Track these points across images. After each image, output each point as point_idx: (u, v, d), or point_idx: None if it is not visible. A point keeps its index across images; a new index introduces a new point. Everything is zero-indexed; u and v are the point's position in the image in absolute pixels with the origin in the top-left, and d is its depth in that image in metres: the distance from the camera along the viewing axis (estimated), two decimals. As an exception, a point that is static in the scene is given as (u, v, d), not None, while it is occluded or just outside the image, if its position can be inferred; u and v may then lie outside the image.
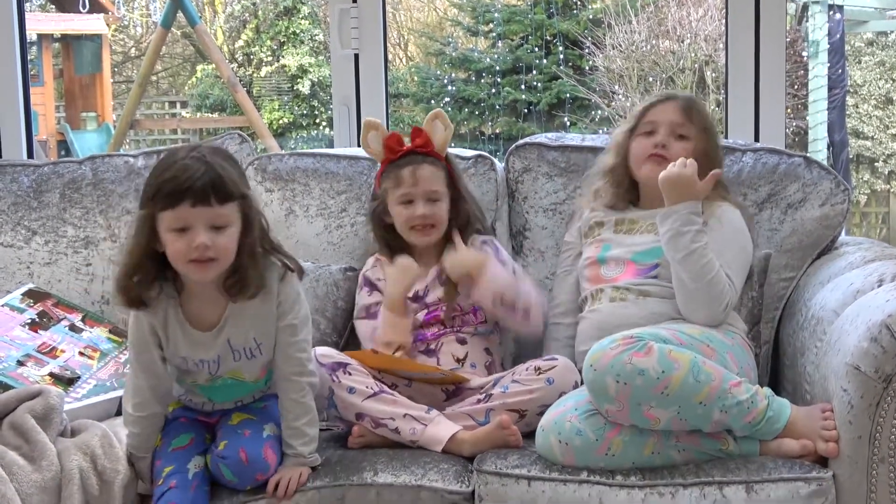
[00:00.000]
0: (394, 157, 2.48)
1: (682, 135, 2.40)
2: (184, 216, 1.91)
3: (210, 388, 2.10)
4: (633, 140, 2.45)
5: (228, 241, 1.94)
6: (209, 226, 1.92)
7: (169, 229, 1.92)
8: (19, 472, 1.91)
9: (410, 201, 2.43)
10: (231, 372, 2.07)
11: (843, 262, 2.38)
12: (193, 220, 1.90)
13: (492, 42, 9.33)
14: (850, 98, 8.27)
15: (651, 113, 2.44)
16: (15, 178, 2.80)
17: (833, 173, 2.57)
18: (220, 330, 2.03)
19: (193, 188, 1.89)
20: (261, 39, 9.84)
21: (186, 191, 1.89)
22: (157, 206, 1.93)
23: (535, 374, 2.20)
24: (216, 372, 2.07)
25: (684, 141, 2.39)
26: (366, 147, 2.54)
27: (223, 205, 1.92)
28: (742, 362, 2.18)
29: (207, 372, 2.07)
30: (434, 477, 2.01)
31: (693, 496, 1.94)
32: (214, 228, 1.92)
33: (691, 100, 2.47)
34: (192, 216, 1.90)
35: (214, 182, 1.91)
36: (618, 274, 2.35)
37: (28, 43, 3.43)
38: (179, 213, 1.90)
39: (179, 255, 1.93)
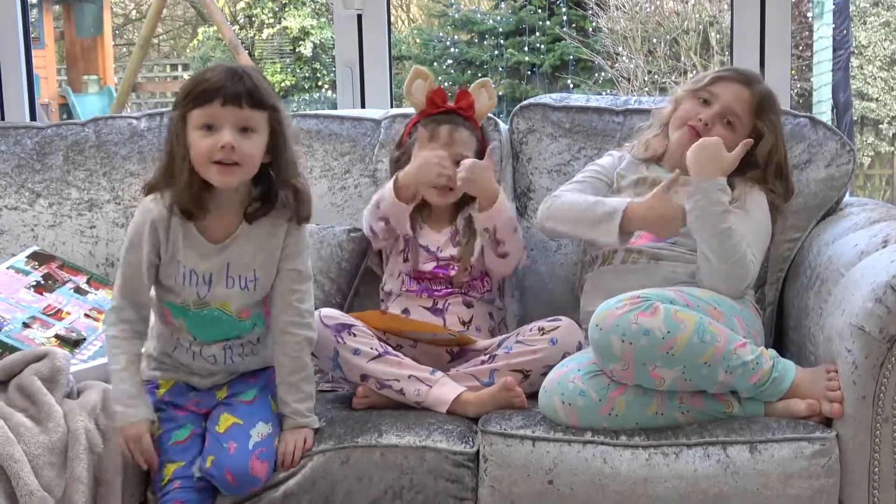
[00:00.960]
0: (433, 111, 2.48)
1: (731, 122, 2.34)
2: (212, 113, 1.91)
3: (196, 317, 2.05)
4: (687, 99, 2.39)
5: (254, 147, 1.94)
6: (237, 128, 1.92)
7: (196, 127, 1.93)
8: (26, 433, 1.92)
9: None
10: (220, 302, 2.04)
11: (848, 222, 2.37)
12: (222, 119, 1.91)
13: (494, 3, 9.27)
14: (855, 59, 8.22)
15: (719, 84, 2.36)
16: (18, 141, 2.79)
17: (839, 134, 2.56)
18: (224, 247, 2.02)
19: (226, 88, 1.90)
20: (262, 1, 9.77)
21: (219, 90, 1.90)
22: (188, 106, 1.93)
23: (539, 335, 2.21)
24: (205, 295, 2.03)
25: (730, 129, 2.33)
26: (408, 93, 2.53)
27: (253, 109, 1.93)
28: (750, 326, 2.17)
29: (196, 293, 2.03)
30: (438, 438, 2.02)
31: (697, 456, 1.95)
32: (242, 132, 1.92)
33: (769, 96, 2.38)
34: (221, 115, 1.91)
35: (247, 85, 1.92)
36: (635, 238, 2.33)
37: (29, 5, 3.41)
38: (208, 111, 1.91)
39: (203, 155, 1.92)
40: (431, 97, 2.48)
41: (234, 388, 2.10)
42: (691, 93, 2.39)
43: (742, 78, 2.38)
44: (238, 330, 2.07)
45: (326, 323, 2.20)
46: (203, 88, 1.91)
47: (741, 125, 2.34)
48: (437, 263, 2.42)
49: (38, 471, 1.88)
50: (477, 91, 2.51)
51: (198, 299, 2.04)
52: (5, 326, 2.26)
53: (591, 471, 1.96)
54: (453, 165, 2.38)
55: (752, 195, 2.31)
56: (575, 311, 2.40)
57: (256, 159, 1.95)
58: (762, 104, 2.36)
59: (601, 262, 2.36)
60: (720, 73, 2.40)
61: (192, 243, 2.01)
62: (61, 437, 1.95)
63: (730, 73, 2.40)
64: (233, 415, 2.03)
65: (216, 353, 2.09)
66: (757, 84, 2.38)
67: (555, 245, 2.61)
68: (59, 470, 1.92)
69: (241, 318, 2.06)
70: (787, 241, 2.49)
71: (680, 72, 8.17)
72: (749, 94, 2.35)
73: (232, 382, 2.12)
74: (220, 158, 1.91)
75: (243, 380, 2.12)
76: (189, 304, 2.04)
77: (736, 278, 2.20)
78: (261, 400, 2.08)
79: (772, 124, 2.36)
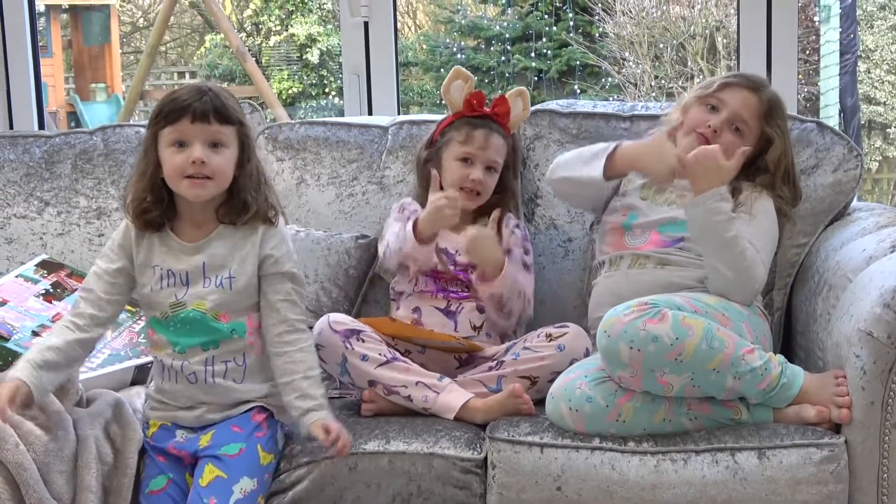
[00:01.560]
0: (470, 113, 2.48)
1: (740, 129, 2.33)
2: (183, 130, 1.97)
3: (174, 323, 2.03)
4: (695, 106, 2.38)
5: (225, 161, 2.00)
6: (207, 143, 1.98)
7: (168, 144, 1.98)
8: (36, 441, 1.92)
9: (471, 162, 2.43)
10: (197, 302, 2.02)
11: (856, 227, 2.37)
12: (192, 136, 1.97)
13: (501, 9, 9.27)
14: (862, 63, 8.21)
15: (727, 91, 2.35)
16: (27, 150, 2.80)
17: (846, 138, 2.56)
18: (199, 247, 2.05)
19: (194, 106, 1.96)
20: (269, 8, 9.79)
21: (187, 108, 1.96)
22: (159, 125, 1.99)
23: (547, 341, 2.21)
24: (183, 296, 2.03)
25: (738, 136, 2.33)
26: (446, 93, 2.53)
27: (222, 125, 1.99)
28: (758, 332, 2.17)
29: (174, 295, 2.03)
30: (446, 444, 2.02)
31: (705, 462, 1.95)
32: (212, 147, 1.98)
33: (776, 102, 2.37)
34: (191, 131, 1.97)
35: (214, 103, 1.98)
36: (642, 243, 2.33)
37: (36, 14, 3.43)
38: (179, 128, 1.97)
39: (176, 171, 1.98)
40: (469, 99, 2.49)
41: (220, 436, 2.01)
42: (699, 99, 2.38)
43: (750, 84, 2.37)
44: (215, 333, 2.03)
45: (335, 328, 2.20)
46: (172, 108, 1.98)
47: (749, 131, 2.34)
48: (456, 266, 2.42)
49: (48, 479, 1.89)
50: (513, 99, 2.52)
51: (175, 301, 2.04)
52: (15, 335, 2.26)
53: (599, 477, 1.96)
54: (484, 170, 2.42)
55: (759, 200, 2.31)
56: (583, 318, 2.40)
57: (228, 172, 2.01)
58: (770, 110, 2.36)
59: (608, 268, 2.36)
60: (728, 79, 2.39)
61: (168, 245, 2.05)
62: (71, 445, 1.95)
63: (738, 79, 2.39)
64: (218, 467, 1.97)
65: (197, 370, 2.03)
66: (765, 90, 2.38)
67: (562, 251, 2.61)
68: (68, 478, 1.93)
69: (219, 320, 2.04)
70: (795, 246, 2.49)
71: (687, 77, 8.17)
72: (757, 101, 2.35)
73: (217, 430, 2.03)
74: (191, 173, 1.97)
75: (228, 429, 2.02)
76: (167, 310, 2.04)
77: (746, 285, 2.19)
78: (248, 452, 2.00)
79: (780, 130, 2.36)
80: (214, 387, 2.04)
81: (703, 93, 2.38)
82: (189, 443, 2.03)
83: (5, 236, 2.72)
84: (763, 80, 2.41)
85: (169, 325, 2.05)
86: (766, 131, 2.35)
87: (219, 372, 2.05)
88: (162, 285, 2.04)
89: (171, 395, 2.07)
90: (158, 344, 2.07)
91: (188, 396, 2.05)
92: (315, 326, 2.24)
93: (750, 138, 2.34)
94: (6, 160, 2.79)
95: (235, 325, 2.05)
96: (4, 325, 2.27)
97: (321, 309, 2.52)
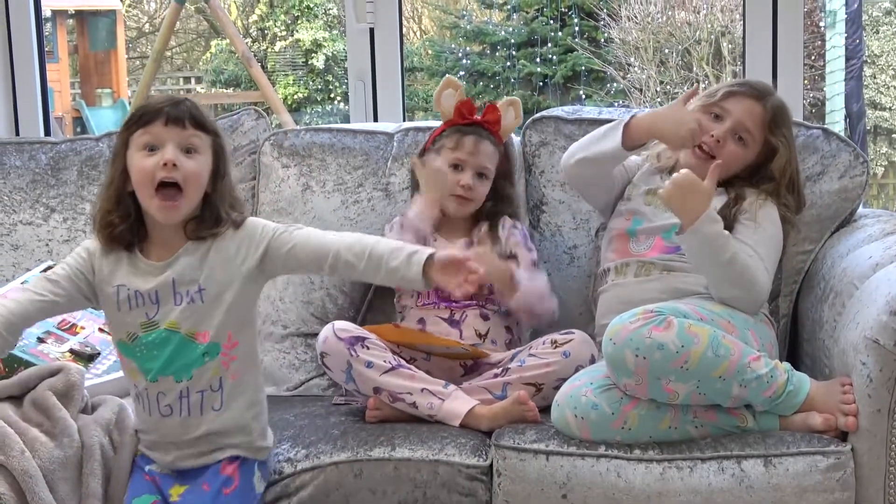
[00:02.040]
0: (460, 121, 2.49)
1: (743, 138, 2.32)
2: (155, 133, 1.86)
3: (145, 346, 1.91)
4: (701, 114, 2.34)
5: (197, 168, 1.88)
6: (181, 147, 1.87)
7: (139, 148, 1.87)
8: (41, 448, 1.92)
9: (461, 168, 2.44)
10: (169, 322, 1.90)
11: (862, 234, 2.37)
12: (165, 138, 1.86)
13: (506, 14, 9.28)
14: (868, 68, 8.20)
15: (731, 100, 2.33)
16: (33, 156, 2.81)
17: (852, 145, 2.55)
18: (168, 264, 1.91)
19: (167, 109, 1.87)
20: (275, 14, 9.81)
21: (160, 111, 1.87)
22: (131, 130, 1.89)
23: (552, 348, 2.21)
24: (154, 315, 1.90)
25: (741, 145, 2.32)
26: (437, 102, 2.54)
27: (197, 129, 1.89)
28: (763, 339, 2.17)
29: (145, 314, 1.90)
30: (452, 451, 2.02)
31: (711, 470, 1.95)
32: (185, 152, 1.87)
33: (781, 110, 2.36)
34: (164, 134, 1.86)
35: (191, 110, 1.89)
36: (646, 249, 2.33)
37: (43, 19, 3.43)
38: (151, 130, 1.86)
39: (145, 176, 1.86)
40: (459, 107, 2.50)
41: (189, 498, 1.92)
42: (703, 108, 2.36)
43: (754, 93, 2.35)
44: (187, 355, 1.90)
45: (340, 336, 2.20)
46: (145, 111, 1.89)
47: (753, 141, 2.33)
48: None
49: (53, 486, 1.89)
50: (505, 108, 2.53)
51: (146, 320, 1.91)
52: (20, 341, 2.26)
53: (605, 485, 1.96)
54: (474, 176, 2.43)
55: (763, 208, 2.30)
56: (588, 324, 2.40)
57: (201, 180, 1.89)
58: (775, 119, 2.34)
59: (615, 276, 2.36)
60: (732, 87, 2.37)
61: (135, 266, 1.93)
62: (76, 452, 1.95)
63: (742, 87, 2.37)
64: None
65: (172, 403, 1.92)
66: (769, 98, 2.36)
67: (568, 258, 2.61)
68: (73, 485, 1.93)
69: (196, 339, 1.91)
70: (801, 253, 2.48)
71: (692, 82, 8.16)
72: (762, 110, 2.33)
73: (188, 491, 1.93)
74: (162, 177, 1.84)
75: (199, 489, 1.93)
76: (137, 331, 1.92)
77: (750, 298, 2.18)
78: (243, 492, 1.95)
79: (785, 138, 2.35)
80: (188, 419, 1.93)
81: (707, 101, 2.37)
82: (163, 480, 1.96)
83: (11, 243, 2.72)
84: (768, 88, 2.40)
85: (136, 349, 1.93)
86: (770, 140, 2.34)
87: (194, 403, 1.93)
88: (130, 305, 1.92)
89: (147, 426, 1.98)
90: (131, 371, 1.95)
91: (161, 434, 1.96)
92: (320, 334, 2.24)
93: (754, 148, 2.33)
94: (12, 166, 2.79)
95: (210, 347, 1.91)
96: (10, 331, 2.27)
97: (327, 316, 2.52)
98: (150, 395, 1.93)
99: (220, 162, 1.93)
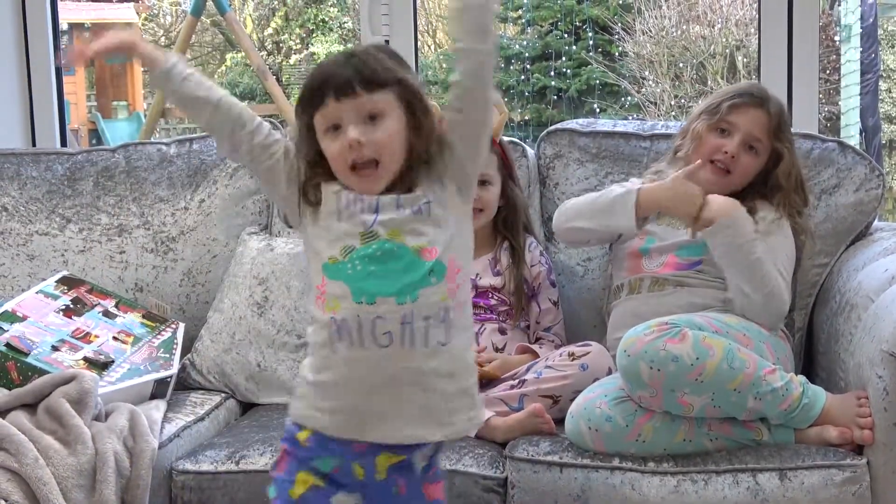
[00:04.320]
0: None
1: (754, 147, 2.32)
2: (331, 112, 1.62)
3: (362, 261, 1.59)
4: (706, 134, 2.34)
5: (385, 135, 1.61)
6: (361, 118, 1.61)
7: (323, 133, 1.63)
8: (55, 455, 1.93)
9: None
10: (391, 231, 1.60)
11: (878, 247, 2.36)
12: (342, 115, 1.61)
13: (521, 28, 9.29)
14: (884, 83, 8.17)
15: (735, 114, 2.32)
16: (49, 167, 2.82)
17: (868, 158, 2.55)
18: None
19: (334, 78, 1.62)
20: (290, 27, 9.84)
21: (326, 83, 1.62)
22: (308, 112, 1.65)
23: (569, 360, 2.20)
24: (372, 223, 1.61)
25: (753, 154, 2.32)
26: None
27: (372, 92, 1.61)
28: (779, 353, 2.16)
29: (362, 222, 1.61)
30: (469, 462, 2.02)
31: (726, 483, 1.94)
32: (368, 121, 1.61)
33: (782, 113, 2.35)
34: (339, 110, 1.61)
35: (357, 68, 1.61)
36: (658, 267, 2.32)
37: (60, 32, 3.45)
38: (327, 111, 1.62)
39: (339, 162, 1.62)
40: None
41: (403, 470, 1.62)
42: (709, 126, 2.34)
43: (756, 101, 2.34)
44: (413, 273, 1.58)
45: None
46: (312, 86, 1.64)
47: (763, 148, 2.33)
48: (476, 292, 2.42)
49: (67, 493, 1.90)
50: None
51: (365, 230, 1.61)
52: (34, 349, 2.27)
53: (619, 497, 1.95)
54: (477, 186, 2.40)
55: (776, 222, 2.29)
56: (602, 337, 2.40)
57: (393, 147, 1.61)
58: (779, 124, 2.33)
59: (628, 291, 2.35)
60: (733, 99, 2.34)
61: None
62: (90, 459, 1.96)
63: (742, 98, 2.34)
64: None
65: (393, 329, 1.57)
66: (770, 102, 2.35)
67: (581, 270, 2.60)
68: (87, 492, 1.93)
69: (422, 256, 1.60)
70: (816, 266, 2.48)
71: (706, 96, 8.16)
72: (767, 118, 2.32)
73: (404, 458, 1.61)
74: (353, 159, 1.60)
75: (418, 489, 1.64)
76: (354, 242, 1.61)
77: (774, 308, 2.18)
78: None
79: (789, 142, 2.35)
80: (412, 351, 1.57)
81: (711, 119, 2.35)
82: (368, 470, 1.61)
83: (27, 253, 2.74)
84: (766, 92, 2.38)
85: (353, 266, 1.60)
86: (776, 147, 2.33)
87: (419, 330, 1.57)
88: (346, 212, 1.63)
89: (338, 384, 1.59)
90: (332, 298, 1.60)
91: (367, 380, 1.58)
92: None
93: (764, 154, 2.33)
94: (29, 177, 2.81)
95: (436, 265, 1.60)
96: (24, 340, 2.28)
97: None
98: (364, 323, 1.57)
99: (415, 110, 1.63)
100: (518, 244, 2.45)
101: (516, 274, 2.42)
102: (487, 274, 2.44)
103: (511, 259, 2.44)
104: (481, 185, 2.40)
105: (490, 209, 2.45)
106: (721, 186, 2.27)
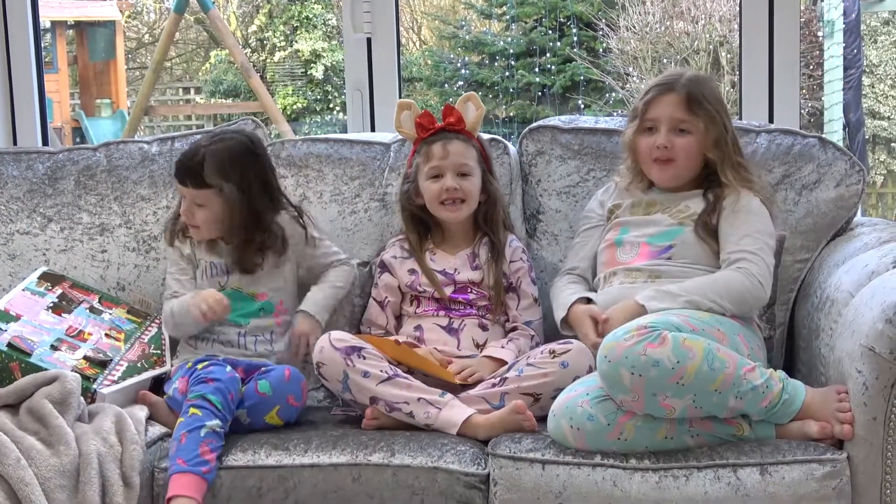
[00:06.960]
0: (425, 135, 2.48)
1: (683, 129, 2.34)
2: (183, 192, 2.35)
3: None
4: (639, 138, 2.39)
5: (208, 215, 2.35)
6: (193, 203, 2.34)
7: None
8: (38, 456, 1.93)
9: (440, 175, 2.43)
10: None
11: (859, 242, 2.37)
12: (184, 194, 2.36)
13: (505, 25, 9.29)
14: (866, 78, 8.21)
15: (651, 108, 2.36)
16: (30, 166, 2.81)
17: (848, 154, 2.56)
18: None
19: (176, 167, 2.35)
20: (274, 24, 9.82)
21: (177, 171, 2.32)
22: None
23: (550, 358, 2.21)
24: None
25: (687, 136, 2.34)
26: (398, 127, 2.55)
27: (199, 189, 2.33)
28: (752, 343, 2.18)
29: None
30: (451, 459, 2.02)
31: (707, 479, 1.94)
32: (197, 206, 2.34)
33: (692, 88, 2.35)
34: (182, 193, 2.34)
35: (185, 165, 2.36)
36: (632, 257, 2.34)
37: (42, 30, 3.44)
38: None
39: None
40: (419, 122, 2.50)
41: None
42: (637, 131, 2.39)
43: (664, 88, 2.37)
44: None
45: (336, 346, 2.20)
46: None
47: (692, 126, 2.33)
48: (455, 287, 2.43)
49: (50, 494, 1.89)
50: (463, 105, 2.51)
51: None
52: (36, 349, 2.27)
53: (601, 494, 1.96)
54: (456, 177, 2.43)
55: (741, 198, 2.31)
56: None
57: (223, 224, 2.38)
58: (691, 99, 2.33)
59: (603, 284, 2.37)
60: (646, 95, 2.39)
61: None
62: (73, 460, 1.95)
63: (652, 91, 2.38)
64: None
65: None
66: (678, 82, 2.36)
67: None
68: (70, 493, 1.93)
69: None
70: (798, 261, 2.49)
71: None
72: (677, 98, 2.34)
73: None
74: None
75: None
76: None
77: (750, 304, 2.25)
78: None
79: (706, 113, 2.34)
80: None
81: (637, 123, 2.39)
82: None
83: (8, 252, 2.72)
84: (674, 75, 2.40)
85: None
86: (698, 119, 2.33)
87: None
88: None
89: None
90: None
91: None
92: (316, 344, 2.25)
93: (697, 130, 2.33)
94: (9, 176, 2.79)
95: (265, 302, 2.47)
96: (26, 340, 2.28)
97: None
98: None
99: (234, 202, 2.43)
100: (498, 239, 2.46)
101: (495, 269, 2.43)
102: (465, 269, 2.44)
103: (490, 254, 2.45)
104: (461, 176, 2.41)
105: (472, 199, 2.45)
106: (673, 176, 2.34)
